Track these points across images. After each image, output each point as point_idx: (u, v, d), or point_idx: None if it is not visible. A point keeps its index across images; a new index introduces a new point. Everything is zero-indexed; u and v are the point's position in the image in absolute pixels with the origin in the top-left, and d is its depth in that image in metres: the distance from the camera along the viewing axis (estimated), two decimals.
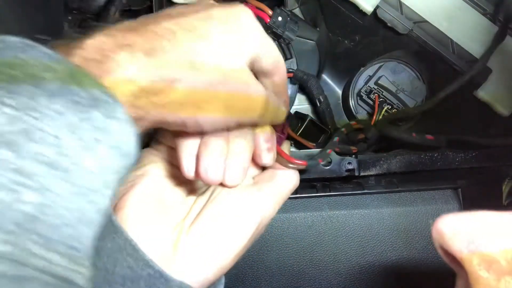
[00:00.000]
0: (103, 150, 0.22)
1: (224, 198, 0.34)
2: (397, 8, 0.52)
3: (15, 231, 0.18)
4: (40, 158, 0.20)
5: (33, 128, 0.20)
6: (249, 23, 0.32)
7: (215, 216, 0.33)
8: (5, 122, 0.19)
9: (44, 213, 0.19)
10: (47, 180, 0.20)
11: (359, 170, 0.49)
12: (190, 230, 0.32)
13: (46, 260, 0.19)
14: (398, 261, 0.49)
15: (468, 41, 0.52)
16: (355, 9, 0.53)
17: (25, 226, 0.19)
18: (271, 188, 0.36)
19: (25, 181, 0.19)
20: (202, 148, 0.32)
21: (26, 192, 0.19)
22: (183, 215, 0.34)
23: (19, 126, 0.20)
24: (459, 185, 0.50)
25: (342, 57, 0.60)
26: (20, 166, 0.19)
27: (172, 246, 0.32)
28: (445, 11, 0.51)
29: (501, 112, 0.52)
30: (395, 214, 0.49)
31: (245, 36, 0.31)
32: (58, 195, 0.20)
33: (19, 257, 0.18)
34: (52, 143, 0.20)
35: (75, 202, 0.21)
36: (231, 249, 0.33)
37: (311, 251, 0.49)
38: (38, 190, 0.19)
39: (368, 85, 0.57)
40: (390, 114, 0.55)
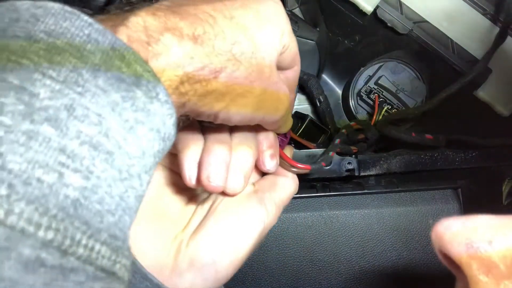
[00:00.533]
0: (144, 132, 0.21)
1: (225, 209, 0.33)
2: (397, 8, 0.52)
3: (58, 216, 0.17)
4: (83, 138, 0.18)
5: (76, 104, 0.19)
6: (282, 16, 0.31)
7: (216, 229, 0.32)
8: (47, 95, 0.18)
9: (88, 198, 0.18)
10: (90, 162, 0.18)
11: (359, 170, 0.49)
12: (190, 242, 0.32)
13: (89, 250, 0.18)
14: (398, 261, 0.49)
15: (468, 41, 0.52)
16: (355, 9, 0.53)
17: (69, 211, 0.17)
18: (273, 197, 0.35)
19: (69, 163, 0.18)
20: (205, 155, 0.32)
21: (70, 174, 0.18)
22: (182, 225, 0.33)
23: (62, 101, 0.18)
24: (459, 185, 0.50)
25: (342, 57, 0.60)
26: (63, 145, 0.18)
27: (172, 258, 0.31)
28: (445, 11, 0.51)
29: (501, 112, 0.52)
30: (395, 214, 0.49)
31: (278, 29, 0.30)
32: (101, 179, 0.19)
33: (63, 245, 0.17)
34: (95, 122, 0.19)
35: (117, 187, 0.19)
36: (232, 261, 0.32)
37: (311, 251, 0.49)
38: (82, 173, 0.18)
39: (368, 85, 0.57)
40: (390, 114, 0.55)
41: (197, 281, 0.31)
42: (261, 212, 0.33)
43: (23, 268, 0.15)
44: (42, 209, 0.16)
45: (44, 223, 0.16)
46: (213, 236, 0.32)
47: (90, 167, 0.18)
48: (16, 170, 0.16)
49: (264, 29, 0.29)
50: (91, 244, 0.18)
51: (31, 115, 0.17)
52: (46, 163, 0.17)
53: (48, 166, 0.17)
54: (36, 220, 0.16)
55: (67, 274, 0.17)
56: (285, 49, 0.31)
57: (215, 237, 0.32)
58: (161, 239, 0.32)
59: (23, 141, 0.17)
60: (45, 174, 0.17)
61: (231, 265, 0.32)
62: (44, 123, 0.17)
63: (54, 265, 0.16)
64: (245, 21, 0.28)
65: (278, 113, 0.32)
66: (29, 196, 0.16)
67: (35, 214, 0.16)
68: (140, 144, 0.21)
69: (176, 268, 0.31)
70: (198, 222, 0.33)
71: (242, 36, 0.28)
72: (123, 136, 0.20)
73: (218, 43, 0.26)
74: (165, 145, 0.23)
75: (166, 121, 0.22)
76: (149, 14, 0.24)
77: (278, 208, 0.35)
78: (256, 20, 0.29)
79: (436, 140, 0.50)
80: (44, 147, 0.17)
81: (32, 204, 0.16)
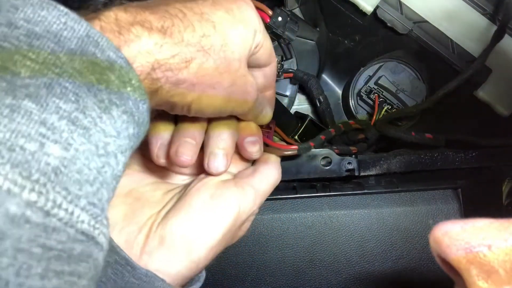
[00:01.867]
0: (118, 113, 0.22)
1: (199, 191, 0.33)
2: (397, 8, 0.52)
3: (40, 181, 0.18)
4: (61, 113, 0.20)
5: (55, 83, 0.20)
6: (252, 16, 0.32)
7: (188, 208, 0.32)
8: (27, 74, 0.20)
9: (67, 167, 0.19)
10: (69, 135, 0.20)
11: (359, 170, 0.49)
12: (162, 221, 0.32)
13: (69, 213, 0.19)
14: (398, 261, 0.49)
15: (468, 41, 0.52)
16: (355, 9, 0.53)
17: (50, 177, 0.19)
18: (250, 182, 0.35)
19: (49, 134, 0.19)
20: (174, 133, 0.33)
21: (50, 144, 0.19)
22: (158, 208, 0.34)
23: (42, 80, 0.20)
24: (459, 185, 0.50)
25: (342, 57, 0.60)
26: (43, 118, 0.19)
27: (143, 237, 0.31)
28: (445, 11, 0.51)
29: (501, 112, 0.52)
30: (395, 214, 0.49)
31: (251, 28, 0.32)
32: (79, 152, 0.20)
33: (45, 206, 0.18)
34: (72, 100, 0.20)
35: (94, 161, 0.21)
36: (204, 243, 0.32)
37: (311, 251, 0.49)
38: (61, 144, 0.19)
39: (368, 85, 0.57)
40: (390, 113, 0.55)
41: (168, 260, 0.31)
42: (236, 193, 0.34)
43: (10, 221, 0.17)
44: (25, 173, 0.18)
45: (27, 186, 0.18)
46: (185, 214, 0.32)
47: (69, 139, 0.20)
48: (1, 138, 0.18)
49: (235, 26, 0.31)
50: (71, 208, 0.19)
51: (13, 91, 0.19)
52: (28, 133, 0.18)
53: (30, 136, 0.18)
54: (20, 182, 0.17)
55: (50, 232, 0.18)
56: (259, 48, 0.33)
57: (186, 216, 0.32)
58: (135, 218, 0.32)
59: (6, 113, 0.18)
60: (27, 142, 0.18)
61: (204, 247, 0.32)
62: (25, 99, 0.19)
63: (38, 223, 0.18)
64: (216, 17, 0.30)
65: (246, 105, 0.33)
66: (13, 161, 0.18)
67: (19, 177, 0.17)
68: (115, 125, 0.22)
69: (147, 246, 0.31)
70: (172, 205, 0.34)
71: (211, 30, 0.29)
72: (99, 114, 0.21)
73: (187, 35, 0.28)
74: (139, 130, 0.24)
75: (140, 106, 0.24)
76: (120, 10, 0.26)
77: (258, 193, 0.35)
78: (227, 17, 0.31)
79: (436, 139, 0.50)
80: (26, 119, 0.19)
81: (16, 168, 0.18)
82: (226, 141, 0.34)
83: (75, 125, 0.20)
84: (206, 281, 0.48)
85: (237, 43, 0.31)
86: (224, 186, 0.34)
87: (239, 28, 0.31)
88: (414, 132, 0.50)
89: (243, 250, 0.49)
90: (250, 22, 0.32)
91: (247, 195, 0.34)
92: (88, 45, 0.22)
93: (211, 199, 0.33)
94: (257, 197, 0.35)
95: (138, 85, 0.24)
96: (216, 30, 0.30)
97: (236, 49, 0.31)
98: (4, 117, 0.18)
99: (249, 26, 0.32)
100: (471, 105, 0.52)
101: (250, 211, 0.34)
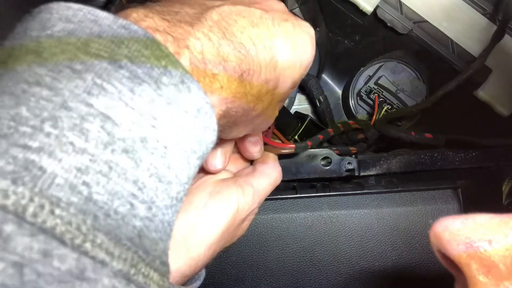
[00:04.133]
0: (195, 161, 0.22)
1: (198, 188, 0.33)
2: (397, 8, 0.52)
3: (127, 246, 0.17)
4: (152, 171, 0.19)
5: (150, 136, 0.19)
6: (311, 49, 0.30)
7: (187, 206, 0.32)
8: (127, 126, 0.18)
9: (148, 227, 0.19)
10: (154, 193, 0.19)
11: (359, 170, 0.49)
12: None
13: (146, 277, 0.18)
14: (398, 261, 0.49)
15: (468, 41, 0.52)
16: (355, 9, 0.53)
17: (135, 242, 0.18)
18: (249, 181, 0.35)
19: (139, 194, 0.18)
20: None
21: (138, 205, 0.18)
22: None
23: (139, 133, 0.19)
24: (459, 185, 0.50)
25: (342, 57, 0.60)
26: (137, 177, 0.18)
27: None
28: (445, 11, 0.51)
29: (501, 112, 0.52)
30: (395, 214, 0.49)
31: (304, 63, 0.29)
32: (159, 208, 0.19)
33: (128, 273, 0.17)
34: (162, 155, 0.19)
35: (168, 215, 0.20)
36: (203, 240, 0.32)
37: (311, 251, 0.49)
38: (147, 204, 0.19)
39: (368, 85, 0.57)
40: (389, 113, 0.55)
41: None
42: (235, 191, 0.33)
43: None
44: (115, 240, 0.17)
45: (116, 253, 0.17)
46: (184, 212, 0.32)
47: (153, 197, 0.19)
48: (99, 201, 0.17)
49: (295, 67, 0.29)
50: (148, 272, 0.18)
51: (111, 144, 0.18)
52: (122, 195, 0.18)
53: (123, 197, 0.18)
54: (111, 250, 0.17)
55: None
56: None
57: (185, 213, 0.32)
58: None
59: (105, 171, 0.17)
60: (121, 206, 0.18)
61: (204, 244, 0.32)
62: (122, 154, 0.18)
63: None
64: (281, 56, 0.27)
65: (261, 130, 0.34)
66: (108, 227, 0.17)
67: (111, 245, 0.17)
68: (189, 172, 0.22)
69: None
70: None
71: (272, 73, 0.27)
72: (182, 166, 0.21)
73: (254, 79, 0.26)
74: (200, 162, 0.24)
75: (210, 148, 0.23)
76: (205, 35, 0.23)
77: (257, 192, 0.35)
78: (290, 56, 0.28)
79: (436, 139, 0.50)
80: (121, 178, 0.18)
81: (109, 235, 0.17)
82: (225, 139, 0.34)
83: (161, 182, 0.19)
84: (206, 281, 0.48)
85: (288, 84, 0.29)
86: (223, 184, 0.34)
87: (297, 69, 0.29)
88: (414, 132, 0.50)
89: (243, 250, 0.49)
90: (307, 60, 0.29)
91: (246, 193, 0.34)
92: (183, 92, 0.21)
93: (210, 197, 0.33)
94: (256, 196, 0.35)
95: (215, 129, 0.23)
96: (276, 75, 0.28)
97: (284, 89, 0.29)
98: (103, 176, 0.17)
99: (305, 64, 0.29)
100: (471, 105, 0.52)
101: (249, 209, 0.34)
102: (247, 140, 0.37)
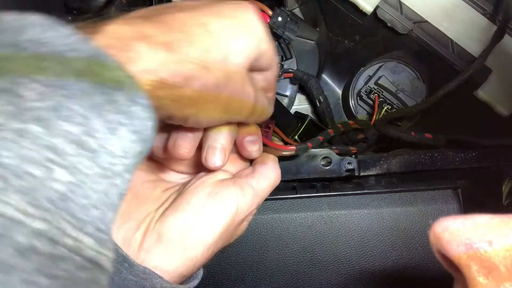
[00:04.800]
0: (126, 133, 0.22)
1: (197, 189, 0.33)
2: (397, 8, 0.52)
3: (49, 209, 0.18)
4: (69, 137, 0.20)
5: (62, 105, 0.20)
6: (257, 25, 0.31)
7: (186, 206, 0.32)
8: (34, 97, 0.19)
9: (74, 192, 0.19)
10: (76, 159, 0.20)
11: (359, 170, 0.49)
12: (160, 219, 0.32)
13: (77, 241, 0.19)
14: (398, 261, 0.49)
15: (468, 41, 0.52)
16: (355, 9, 0.53)
17: (58, 205, 0.18)
18: (250, 181, 0.35)
19: (56, 159, 0.19)
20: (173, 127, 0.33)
21: (57, 169, 0.19)
22: (156, 206, 0.34)
23: (48, 103, 0.19)
24: (459, 185, 0.50)
25: (342, 57, 0.60)
26: (51, 143, 0.19)
27: (142, 234, 0.31)
28: (445, 11, 0.51)
29: (501, 112, 0.52)
30: (395, 214, 0.49)
31: (255, 39, 0.31)
32: (86, 175, 0.20)
33: (54, 235, 0.18)
34: (80, 122, 0.20)
35: (101, 184, 0.21)
36: (202, 241, 0.32)
37: (311, 251, 0.49)
38: (68, 169, 0.19)
39: (368, 85, 0.57)
40: (389, 113, 0.55)
41: (165, 257, 0.31)
42: (234, 192, 0.34)
43: (18, 254, 0.17)
44: (33, 201, 0.18)
45: (36, 214, 0.18)
46: (183, 212, 0.32)
47: (76, 164, 0.20)
48: (9, 164, 0.18)
49: (239, 38, 0.30)
50: (78, 235, 0.19)
51: (20, 115, 0.19)
52: (36, 159, 0.18)
53: (37, 161, 0.18)
54: (29, 211, 0.17)
55: (57, 262, 0.18)
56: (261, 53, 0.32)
57: (184, 214, 0.32)
58: (133, 215, 0.32)
59: (13, 138, 0.18)
60: (36, 169, 0.18)
61: (202, 244, 0.32)
62: (32, 122, 0.19)
63: (45, 253, 0.18)
64: (219, 30, 0.29)
65: (241, 116, 0.33)
66: (21, 189, 0.18)
67: (28, 206, 0.17)
68: (123, 145, 0.22)
69: (144, 243, 0.31)
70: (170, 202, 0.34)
71: (214, 44, 0.29)
72: (107, 136, 0.21)
73: (190, 51, 0.27)
74: (145, 147, 0.24)
75: (147, 124, 0.24)
76: (122, 23, 0.26)
77: (256, 193, 0.35)
78: (231, 28, 0.30)
79: (435, 139, 0.50)
80: (33, 144, 0.19)
81: (25, 196, 0.18)
82: (225, 136, 0.34)
83: (83, 149, 0.20)
84: (206, 281, 0.48)
85: (240, 56, 0.30)
86: (222, 184, 0.34)
87: (242, 40, 0.30)
88: (413, 132, 0.50)
89: (243, 250, 0.49)
90: (254, 32, 0.31)
91: (245, 194, 0.34)
92: (95, 66, 0.22)
93: (209, 197, 0.33)
94: (255, 197, 0.35)
95: (146, 104, 0.23)
96: (219, 43, 0.29)
97: (238, 61, 0.30)
98: (11, 142, 0.18)
99: (254, 37, 0.31)
100: (471, 105, 0.52)
101: (248, 210, 0.34)
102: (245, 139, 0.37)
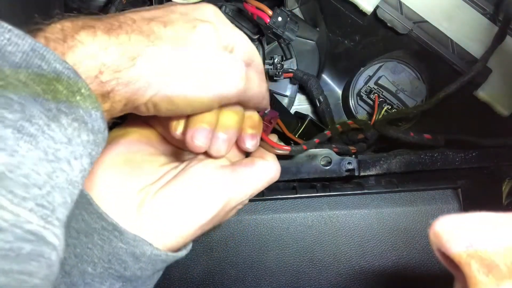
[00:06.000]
0: (68, 121, 0.23)
1: (197, 171, 0.34)
2: (397, 8, 0.52)
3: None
4: (6, 122, 0.20)
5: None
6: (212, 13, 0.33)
7: (183, 185, 0.33)
8: None
9: (12, 171, 0.20)
10: (14, 142, 0.20)
11: (359, 170, 0.49)
12: (156, 194, 0.32)
13: (15, 214, 0.20)
14: (398, 261, 0.49)
15: (468, 41, 0.52)
16: (355, 9, 0.53)
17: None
18: (245, 173, 0.36)
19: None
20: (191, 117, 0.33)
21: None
22: (153, 180, 0.34)
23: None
24: (459, 185, 0.50)
25: (342, 57, 0.60)
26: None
27: (136, 206, 0.32)
28: (445, 11, 0.51)
29: (501, 112, 0.52)
30: (395, 214, 0.49)
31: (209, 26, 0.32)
32: (26, 157, 0.21)
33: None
34: (18, 110, 0.21)
35: (43, 166, 0.21)
36: (193, 220, 0.33)
37: (311, 251, 0.49)
38: (6, 151, 0.20)
39: (368, 85, 0.57)
40: (389, 114, 0.55)
41: (158, 233, 0.32)
42: (231, 181, 0.34)
43: None
44: None
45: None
46: (180, 192, 0.33)
47: (14, 146, 0.20)
48: None
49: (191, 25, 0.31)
50: (16, 210, 0.20)
51: None
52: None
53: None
54: None
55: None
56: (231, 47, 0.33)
57: (181, 194, 0.33)
58: (128, 189, 0.33)
59: None
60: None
61: (194, 225, 0.33)
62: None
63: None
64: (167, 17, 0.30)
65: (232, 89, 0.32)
66: None
67: None
68: (65, 132, 0.23)
69: (138, 219, 0.32)
70: (168, 180, 0.34)
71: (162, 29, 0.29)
72: (46, 122, 0.22)
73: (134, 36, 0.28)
74: (96, 137, 0.25)
75: (92, 113, 0.24)
76: (67, 20, 0.27)
77: (251, 186, 0.36)
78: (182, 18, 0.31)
79: (435, 140, 0.50)
80: None
81: None
82: (233, 127, 0.35)
83: (21, 133, 0.21)
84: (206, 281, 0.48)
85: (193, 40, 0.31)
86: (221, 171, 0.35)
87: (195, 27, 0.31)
88: (413, 133, 0.50)
89: (243, 250, 0.49)
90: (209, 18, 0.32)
91: (240, 186, 0.35)
92: (33, 58, 0.23)
93: (206, 181, 0.34)
94: (249, 190, 0.36)
95: (88, 94, 0.24)
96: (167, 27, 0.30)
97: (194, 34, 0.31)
98: None
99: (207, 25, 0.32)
100: (471, 105, 0.52)
101: (240, 200, 0.35)
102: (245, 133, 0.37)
